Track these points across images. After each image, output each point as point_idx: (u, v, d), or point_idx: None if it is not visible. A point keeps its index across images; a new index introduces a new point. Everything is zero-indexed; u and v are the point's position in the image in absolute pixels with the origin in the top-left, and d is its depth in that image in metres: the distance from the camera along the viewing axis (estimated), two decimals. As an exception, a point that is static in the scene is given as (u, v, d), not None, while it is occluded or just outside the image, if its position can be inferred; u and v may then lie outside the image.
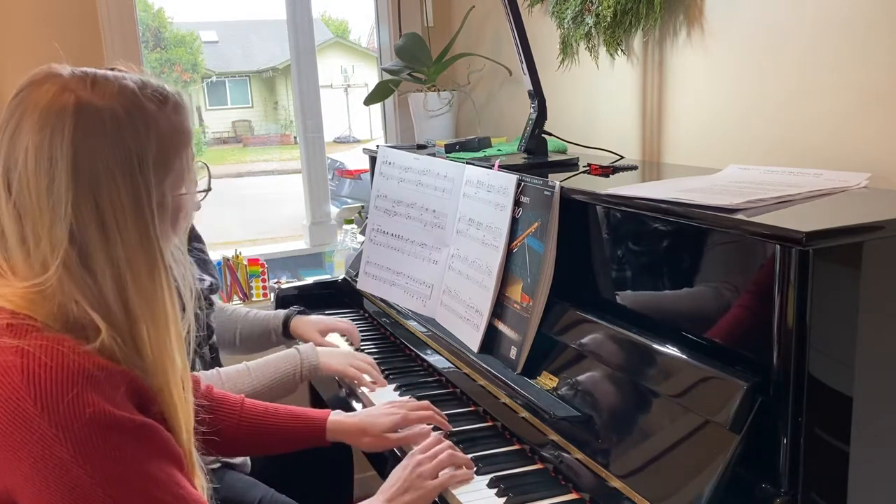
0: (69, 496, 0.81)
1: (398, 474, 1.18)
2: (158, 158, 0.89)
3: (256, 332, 1.82)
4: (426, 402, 1.36)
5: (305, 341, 1.72)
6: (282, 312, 1.85)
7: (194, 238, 1.70)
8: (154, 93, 0.91)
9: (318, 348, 1.59)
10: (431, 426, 1.32)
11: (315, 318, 1.84)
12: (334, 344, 1.76)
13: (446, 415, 1.36)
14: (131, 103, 0.88)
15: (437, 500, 1.15)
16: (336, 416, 1.31)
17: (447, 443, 1.23)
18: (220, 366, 1.68)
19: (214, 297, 1.73)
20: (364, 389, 1.55)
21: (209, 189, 1.02)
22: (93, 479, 0.82)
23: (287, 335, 1.82)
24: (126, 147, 0.86)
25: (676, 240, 1.11)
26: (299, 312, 1.85)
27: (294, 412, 1.32)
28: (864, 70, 1.25)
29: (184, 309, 0.96)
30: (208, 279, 1.62)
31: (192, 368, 1.53)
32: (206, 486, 0.99)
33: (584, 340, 1.22)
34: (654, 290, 1.18)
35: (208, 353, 1.63)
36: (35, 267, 0.86)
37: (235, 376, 1.49)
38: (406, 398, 1.45)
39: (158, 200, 0.89)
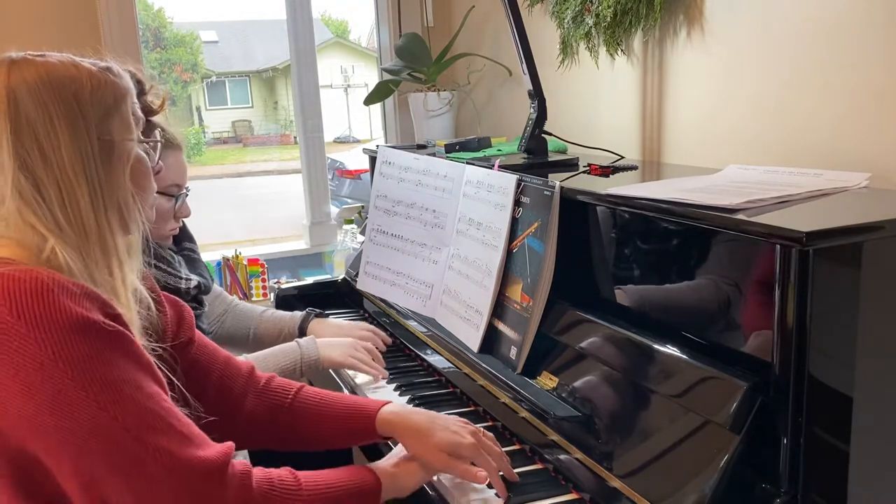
0: (53, 401, 0.80)
1: (452, 418, 1.14)
2: (95, 96, 0.93)
3: (272, 335, 1.76)
4: (492, 437, 1.17)
5: None
6: (298, 315, 1.77)
7: (187, 238, 1.67)
8: (91, 60, 0.96)
9: (318, 340, 1.58)
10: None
11: (334, 324, 1.75)
12: None
13: (445, 415, 1.35)
14: (64, 58, 0.94)
15: (437, 499, 1.15)
16: (393, 408, 1.16)
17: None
18: None
19: (205, 298, 1.66)
20: (365, 384, 1.54)
21: (160, 140, 1.06)
22: (75, 382, 0.81)
23: None
24: (60, 83, 0.91)
25: (676, 240, 1.11)
26: (317, 315, 1.78)
27: (349, 399, 1.21)
28: (864, 70, 1.25)
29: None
30: (195, 278, 1.55)
31: None
32: None
33: (584, 340, 1.22)
34: (655, 291, 1.18)
35: None
36: None
37: None
38: (454, 419, 1.19)
39: (102, 136, 0.93)
